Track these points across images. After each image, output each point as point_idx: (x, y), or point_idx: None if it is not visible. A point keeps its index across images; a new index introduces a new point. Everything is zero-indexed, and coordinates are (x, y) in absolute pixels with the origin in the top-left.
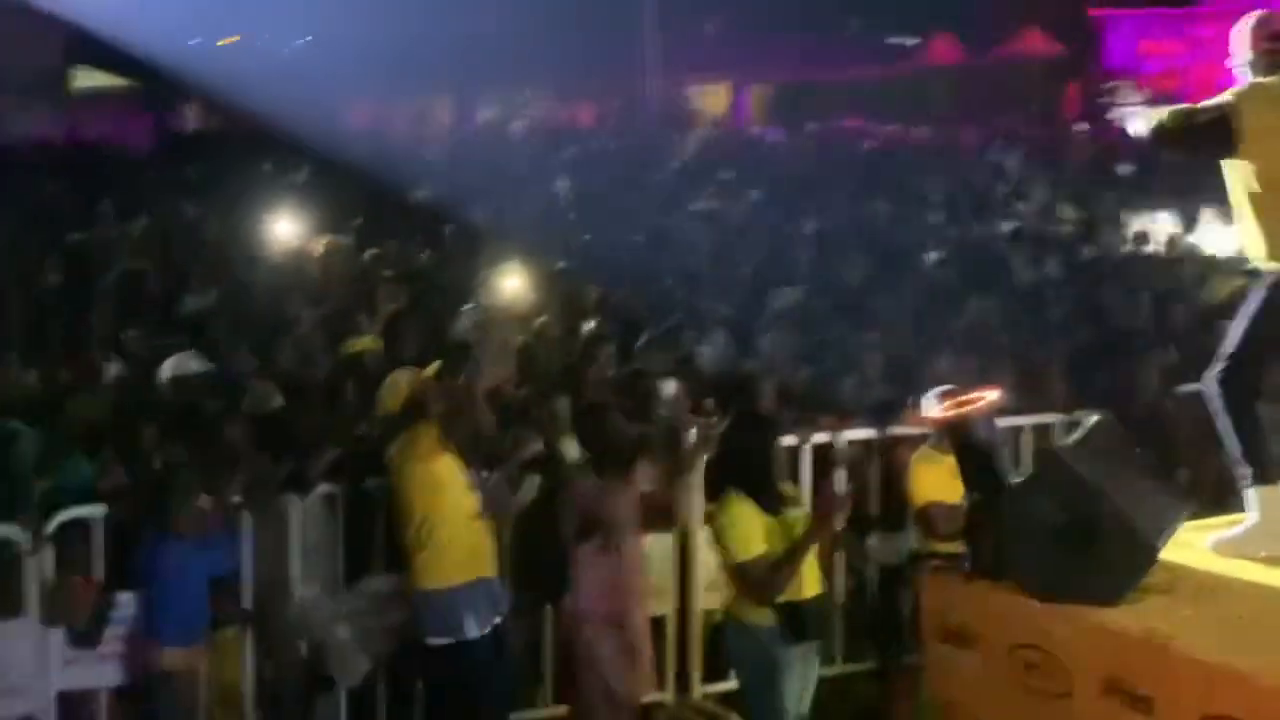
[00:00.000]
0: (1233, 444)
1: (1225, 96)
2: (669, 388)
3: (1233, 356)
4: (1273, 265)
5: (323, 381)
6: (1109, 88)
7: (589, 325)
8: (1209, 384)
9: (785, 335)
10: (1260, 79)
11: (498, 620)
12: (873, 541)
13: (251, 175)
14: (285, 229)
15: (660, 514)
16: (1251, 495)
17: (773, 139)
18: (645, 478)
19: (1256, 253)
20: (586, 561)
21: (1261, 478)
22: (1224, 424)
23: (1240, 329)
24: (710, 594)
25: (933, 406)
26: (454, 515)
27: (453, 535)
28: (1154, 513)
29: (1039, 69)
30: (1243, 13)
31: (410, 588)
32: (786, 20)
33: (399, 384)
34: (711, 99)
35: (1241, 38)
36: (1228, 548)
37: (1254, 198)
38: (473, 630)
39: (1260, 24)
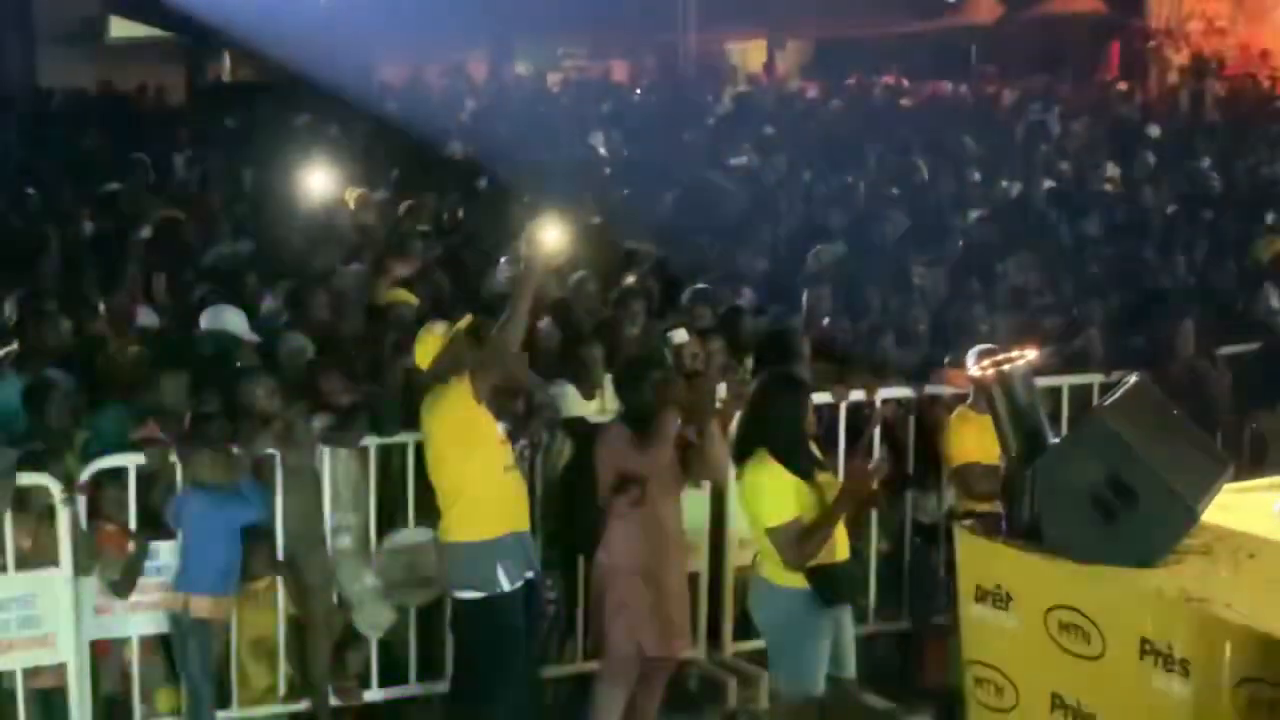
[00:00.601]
0: None
1: None
2: (680, 335)
3: None
4: None
5: (356, 334)
6: (1153, 45)
7: (626, 280)
8: None
9: (823, 292)
10: None
11: (529, 574)
12: (909, 500)
13: (287, 127)
14: (320, 181)
15: (694, 463)
16: None
17: (810, 95)
18: (674, 427)
19: None
20: (621, 516)
21: None
22: None
23: None
24: (744, 550)
25: (971, 365)
26: (487, 468)
27: (486, 488)
28: (1192, 475)
29: (1081, 27)
30: None
31: (442, 541)
32: None
33: (432, 337)
34: (748, 54)
35: None
36: None
37: None
38: (504, 583)
39: None
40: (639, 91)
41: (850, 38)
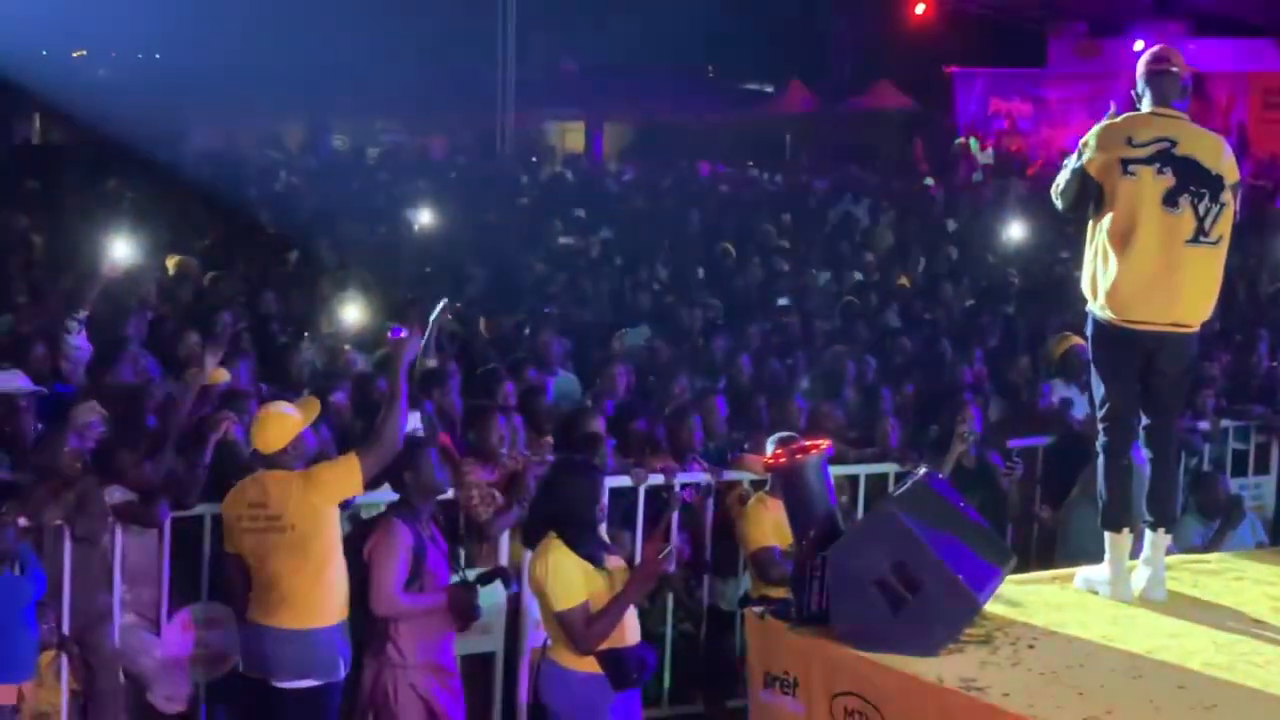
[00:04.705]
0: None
1: (1081, 152)
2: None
3: (1100, 404)
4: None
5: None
6: (955, 147)
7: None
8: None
9: (618, 373)
10: (1108, 121)
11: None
12: (706, 585)
13: (93, 191)
14: (123, 247)
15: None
16: (1106, 539)
17: (626, 179)
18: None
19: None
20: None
21: (1105, 522)
22: (1097, 465)
23: (1095, 375)
24: (540, 632)
25: (768, 452)
26: (339, 554)
27: (336, 574)
28: (976, 566)
29: (890, 121)
30: (1087, 76)
31: (288, 628)
32: (645, 62)
33: (285, 418)
34: (567, 136)
35: (1137, 71)
36: (1086, 582)
37: (1099, 238)
38: (341, 670)
39: (1148, 55)
40: (454, 175)
41: (669, 123)
